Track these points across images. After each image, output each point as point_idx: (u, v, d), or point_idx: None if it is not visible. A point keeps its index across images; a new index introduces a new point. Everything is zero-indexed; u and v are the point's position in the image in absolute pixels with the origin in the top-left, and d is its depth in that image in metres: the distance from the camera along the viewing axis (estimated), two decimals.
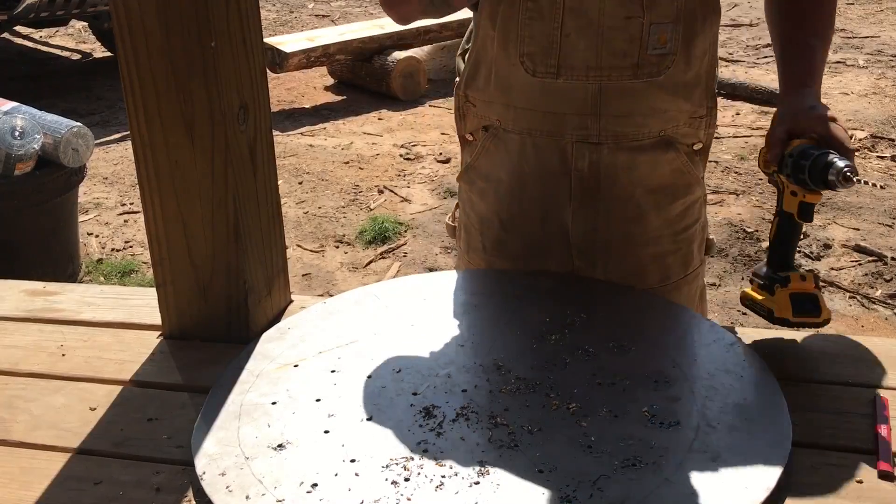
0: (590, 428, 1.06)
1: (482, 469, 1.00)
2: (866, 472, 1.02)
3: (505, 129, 1.41)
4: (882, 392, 1.17)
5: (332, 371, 1.20)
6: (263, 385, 1.19)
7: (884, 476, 1.01)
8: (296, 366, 1.23)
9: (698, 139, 1.40)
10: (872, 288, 3.35)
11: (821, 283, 1.26)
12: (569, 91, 1.31)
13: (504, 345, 1.25)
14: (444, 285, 1.42)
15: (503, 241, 1.49)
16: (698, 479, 0.97)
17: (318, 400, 1.14)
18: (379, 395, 1.14)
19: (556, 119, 1.34)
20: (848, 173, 1.13)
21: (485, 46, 1.37)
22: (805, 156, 1.18)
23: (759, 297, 1.28)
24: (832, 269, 3.48)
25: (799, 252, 3.62)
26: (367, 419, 1.10)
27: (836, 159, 1.16)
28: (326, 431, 1.08)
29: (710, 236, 1.53)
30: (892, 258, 3.53)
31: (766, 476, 0.98)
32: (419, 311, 1.34)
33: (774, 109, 1.29)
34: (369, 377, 1.19)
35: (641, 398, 1.11)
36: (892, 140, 4.71)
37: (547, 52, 1.29)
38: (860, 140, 4.68)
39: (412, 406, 1.12)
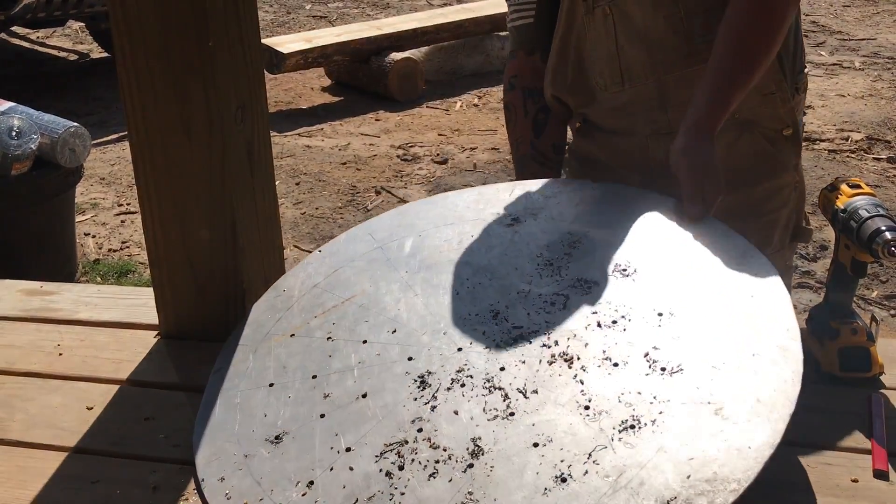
0: (587, 385, 1.01)
1: (476, 448, 0.98)
2: (861, 471, 1.03)
3: (591, 122, 1.51)
4: (877, 392, 1.17)
5: (328, 338, 1.18)
6: (261, 362, 1.17)
7: (878, 475, 1.02)
8: (292, 335, 1.20)
9: (782, 121, 1.39)
10: (868, 289, 3.36)
11: (877, 331, 1.21)
12: (635, 94, 1.41)
13: (501, 285, 1.18)
14: (439, 214, 1.34)
15: None
16: (699, 442, 0.91)
17: (314, 377, 1.13)
18: (374, 365, 1.12)
19: (628, 119, 1.44)
20: (893, 248, 1.08)
21: (556, 83, 1.48)
22: (856, 216, 1.15)
23: (811, 345, 1.24)
24: (827, 270, 3.48)
25: (795, 253, 3.63)
26: (362, 396, 1.08)
27: (885, 229, 1.10)
28: (322, 416, 1.07)
29: (808, 226, 1.51)
30: (886, 262, 3.53)
31: (771, 431, 0.91)
32: (414, 252, 1.27)
33: None
34: (364, 342, 1.16)
35: (643, 338, 1.04)
36: (888, 142, 4.72)
37: (611, 66, 1.41)
38: (856, 142, 4.69)
39: (407, 374, 1.09)
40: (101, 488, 1.05)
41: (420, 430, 1.02)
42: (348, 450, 1.02)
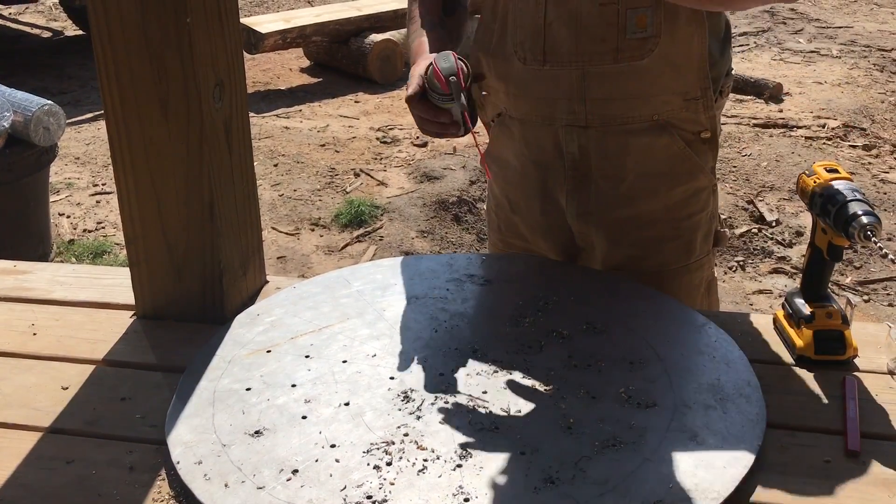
0: (569, 409, 1.07)
1: (464, 452, 1.00)
2: (834, 452, 1.04)
3: (510, 115, 1.47)
4: (850, 374, 1.19)
5: (306, 356, 1.19)
6: (236, 371, 1.17)
7: (851, 455, 1.03)
8: (268, 351, 1.21)
9: (701, 125, 1.38)
10: (843, 275, 3.40)
11: (852, 315, 1.23)
12: (555, 77, 1.36)
13: (478, 329, 1.24)
14: (415, 270, 1.42)
15: (513, 222, 1.56)
16: (678, 459, 0.98)
17: (293, 385, 1.13)
18: (355, 381, 1.14)
19: (547, 105, 1.40)
20: (870, 232, 1.08)
21: (484, 40, 1.45)
22: (833, 201, 1.15)
23: (787, 328, 1.26)
24: (803, 256, 3.52)
25: (771, 239, 3.66)
26: (345, 404, 1.09)
27: (861, 213, 1.10)
28: (304, 417, 1.07)
29: (723, 229, 1.52)
30: (862, 246, 3.58)
31: (744, 454, 0.99)
32: (391, 296, 1.34)
33: (749, 97, 1.29)
34: (344, 362, 1.18)
35: (617, 379, 1.12)
36: (864, 129, 4.76)
37: (534, 41, 1.36)
38: (833, 129, 4.73)
39: (390, 390, 1.11)
40: (76, 468, 1.04)
41: (406, 435, 1.03)
42: (333, 446, 1.02)
